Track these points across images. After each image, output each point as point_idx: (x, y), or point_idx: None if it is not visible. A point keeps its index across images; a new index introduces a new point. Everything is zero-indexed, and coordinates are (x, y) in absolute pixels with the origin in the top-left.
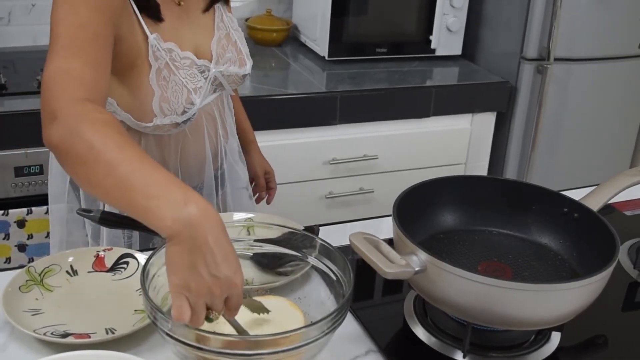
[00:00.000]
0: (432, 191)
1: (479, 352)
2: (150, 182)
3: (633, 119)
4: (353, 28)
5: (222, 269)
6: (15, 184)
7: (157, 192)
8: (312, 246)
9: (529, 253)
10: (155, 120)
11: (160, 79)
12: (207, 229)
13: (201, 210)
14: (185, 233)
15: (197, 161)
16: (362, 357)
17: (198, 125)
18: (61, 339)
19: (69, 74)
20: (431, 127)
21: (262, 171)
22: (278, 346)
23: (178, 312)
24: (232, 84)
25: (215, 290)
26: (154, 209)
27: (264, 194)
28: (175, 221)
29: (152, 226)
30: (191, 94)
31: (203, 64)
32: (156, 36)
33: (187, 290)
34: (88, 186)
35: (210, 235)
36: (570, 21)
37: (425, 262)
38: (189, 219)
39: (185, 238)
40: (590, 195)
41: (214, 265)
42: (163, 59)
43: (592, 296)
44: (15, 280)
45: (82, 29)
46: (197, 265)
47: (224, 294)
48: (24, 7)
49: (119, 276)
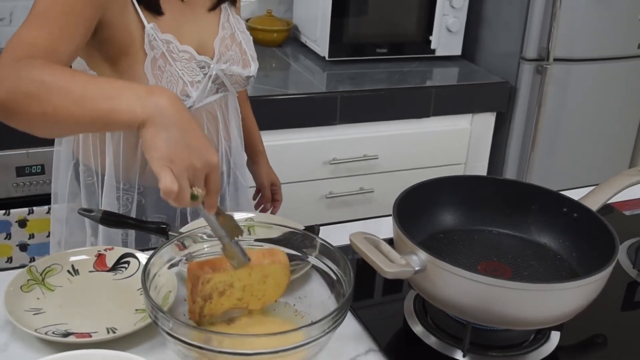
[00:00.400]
0: (432, 191)
1: (479, 352)
2: (107, 87)
3: (632, 119)
4: (353, 28)
5: (197, 140)
6: (16, 183)
7: (118, 92)
8: (312, 246)
9: (528, 253)
10: None
11: (155, 68)
12: (177, 109)
13: (167, 95)
14: (157, 115)
15: None
16: (362, 356)
17: (198, 123)
18: (62, 338)
19: (24, 41)
20: (431, 127)
21: (268, 182)
22: (278, 345)
23: (165, 185)
24: (235, 84)
25: (195, 162)
26: (118, 106)
27: (268, 205)
28: (145, 108)
29: (122, 123)
30: (187, 86)
31: (203, 59)
32: (153, 26)
33: (170, 161)
34: (46, 121)
35: (181, 113)
36: (570, 22)
37: (425, 262)
38: (158, 103)
39: (158, 119)
40: (589, 195)
41: (190, 136)
42: (159, 49)
43: (591, 296)
44: (16, 279)
45: (56, 3)
46: (175, 137)
47: (204, 168)
48: (25, 7)
49: (120, 276)
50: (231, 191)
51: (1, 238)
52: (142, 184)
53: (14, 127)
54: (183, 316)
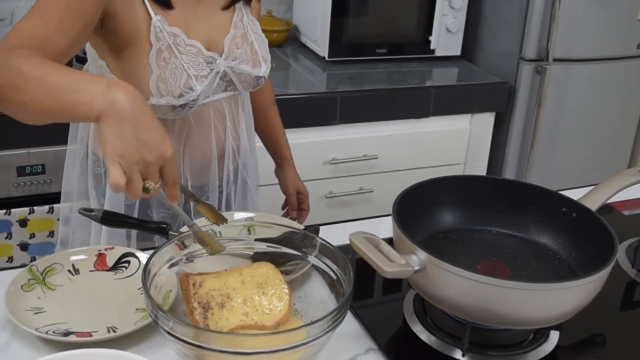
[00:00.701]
0: (432, 191)
1: (478, 351)
2: (75, 80)
3: (631, 119)
4: (353, 29)
5: (149, 134)
6: (17, 183)
7: (81, 85)
8: (312, 245)
9: (527, 252)
10: (152, 99)
11: (160, 59)
12: (131, 102)
13: (124, 90)
14: (112, 108)
15: (202, 157)
16: (362, 355)
17: (204, 118)
18: (63, 337)
19: (19, 31)
20: (431, 127)
21: (294, 190)
22: (278, 344)
23: (112, 179)
24: (244, 83)
25: (145, 155)
26: (80, 99)
27: (294, 214)
28: (102, 101)
29: (82, 116)
30: (191, 79)
31: (211, 55)
32: (160, 18)
33: (120, 157)
34: (26, 110)
35: (135, 107)
36: (569, 22)
37: (425, 262)
38: (113, 97)
39: (112, 113)
40: (588, 195)
41: (142, 131)
42: (165, 41)
43: (590, 295)
44: (17, 279)
45: None
46: (126, 132)
47: (157, 161)
48: (26, 8)
49: (121, 275)
50: (238, 191)
51: (2, 238)
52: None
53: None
54: (183, 315)
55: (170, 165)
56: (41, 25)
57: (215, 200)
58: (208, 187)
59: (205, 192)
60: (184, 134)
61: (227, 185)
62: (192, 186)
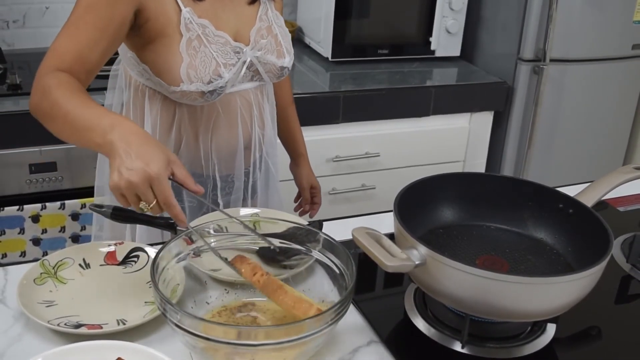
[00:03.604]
0: (432, 188)
1: (477, 343)
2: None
3: (626, 117)
4: (355, 30)
5: (135, 163)
6: (29, 180)
7: (93, 124)
8: (316, 240)
9: (525, 247)
10: (182, 85)
11: (190, 48)
12: (125, 138)
13: (121, 126)
14: (113, 148)
15: (230, 145)
16: (364, 347)
17: (232, 106)
18: (74, 329)
19: (56, 50)
20: (431, 125)
21: (308, 185)
22: (283, 337)
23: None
24: (270, 73)
25: (134, 180)
26: (94, 138)
27: (307, 207)
28: (106, 142)
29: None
30: (220, 67)
31: (238, 45)
32: (189, 10)
33: (117, 188)
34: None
35: (127, 142)
36: (566, 23)
37: (425, 256)
38: (112, 137)
39: (114, 151)
40: (584, 192)
41: (129, 161)
42: (195, 32)
43: (586, 289)
44: (30, 273)
45: (88, 9)
46: (119, 166)
47: (143, 182)
48: (38, 10)
49: (130, 269)
50: (262, 177)
51: (15, 233)
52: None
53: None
54: (191, 308)
55: (156, 184)
56: (73, 43)
57: (241, 186)
58: (234, 175)
59: (232, 180)
60: (212, 122)
61: (253, 173)
62: (220, 174)
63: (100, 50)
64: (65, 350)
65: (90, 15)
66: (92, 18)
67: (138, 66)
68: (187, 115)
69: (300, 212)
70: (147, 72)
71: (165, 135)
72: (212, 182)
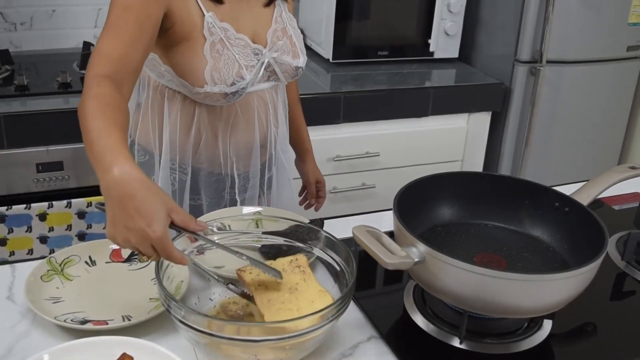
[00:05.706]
0: (431, 187)
1: (475, 339)
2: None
3: (621, 118)
4: (356, 32)
5: (135, 222)
6: (37, 179)
7: (98, 156)
8: (317, 238)
9: (522, 245)
10: (206, 87)
11: (214, 51)
12: (123, 189)
13: (120, 174)
14: (110, 194)
15: (247, 143)
16: (364, 342)
17: (249, 106)
18: (80, 325)
19: (101, 52)
20: (430, 126)
21: (313, 179)
22: (285, 333)
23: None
24: (285, 73)
25: (132, 240)
26: (97, 169)
27: (313, 201)
28: (103, 184)
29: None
30: (242, 69)
31: (257, 47)
32: (212, 14)
33: (114, 239)
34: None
35: (123, 191)
36: (562, 25)
37: (424, 254)
38: (108, 183)
39: (109, 197)
40: (580, 191)
41: (127, 219)
42: (218, 35)
43: (582, 286)
44: (37, 270)
45: (126, 10)
46: (116, 219)
47: (142, 243)
48: (45, 12)
49: (135, 266)
50: (276, 173)
51: (22, 231)
52: (194, 164)
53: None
54: (194, 305)
55: (159, 244)
56: (116, 42)
57: (257, 183)
58: (250, 173)
59: (247, 177)
60: (231, 121)
61: (268, 170)
62: (238, 172)
63: (142, 48)
64: (72, 345)
65: (129, 14)
66: (131, 16)
67: (160, 67)
68: (207, 115)
69: (306, 206)
70: (169, 73)
71: (184, 135)
72: (230, 180)
